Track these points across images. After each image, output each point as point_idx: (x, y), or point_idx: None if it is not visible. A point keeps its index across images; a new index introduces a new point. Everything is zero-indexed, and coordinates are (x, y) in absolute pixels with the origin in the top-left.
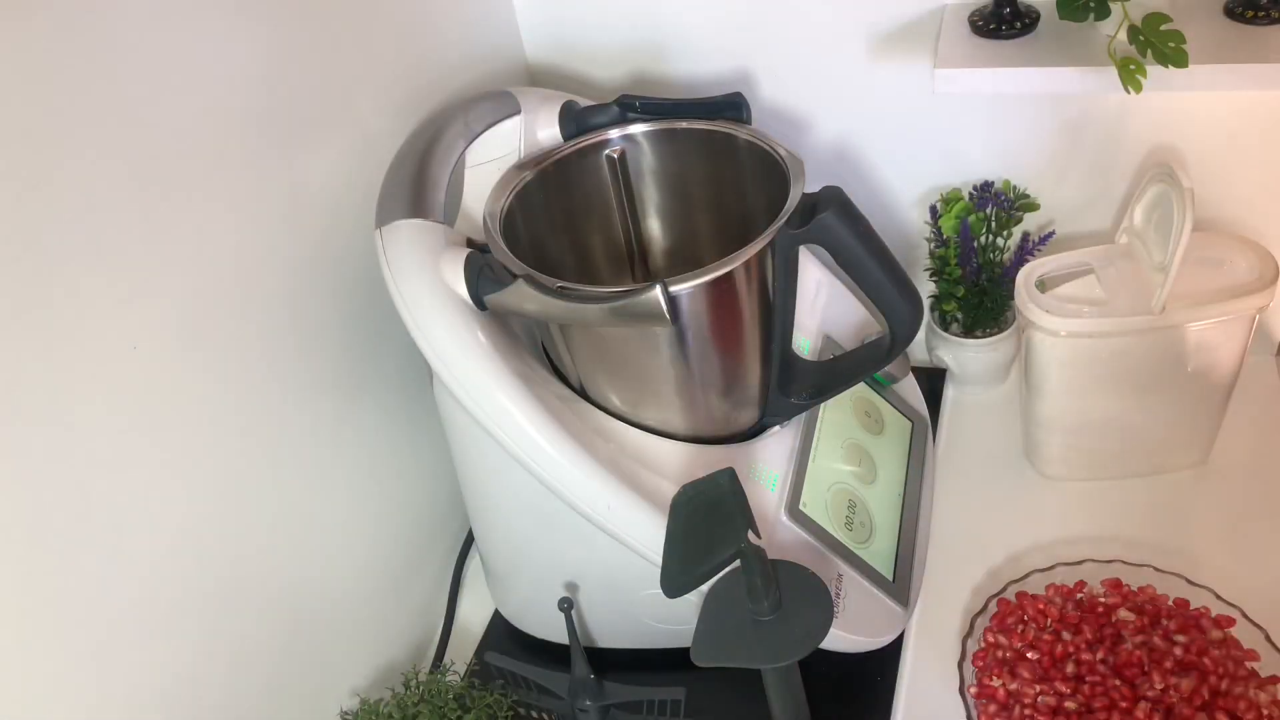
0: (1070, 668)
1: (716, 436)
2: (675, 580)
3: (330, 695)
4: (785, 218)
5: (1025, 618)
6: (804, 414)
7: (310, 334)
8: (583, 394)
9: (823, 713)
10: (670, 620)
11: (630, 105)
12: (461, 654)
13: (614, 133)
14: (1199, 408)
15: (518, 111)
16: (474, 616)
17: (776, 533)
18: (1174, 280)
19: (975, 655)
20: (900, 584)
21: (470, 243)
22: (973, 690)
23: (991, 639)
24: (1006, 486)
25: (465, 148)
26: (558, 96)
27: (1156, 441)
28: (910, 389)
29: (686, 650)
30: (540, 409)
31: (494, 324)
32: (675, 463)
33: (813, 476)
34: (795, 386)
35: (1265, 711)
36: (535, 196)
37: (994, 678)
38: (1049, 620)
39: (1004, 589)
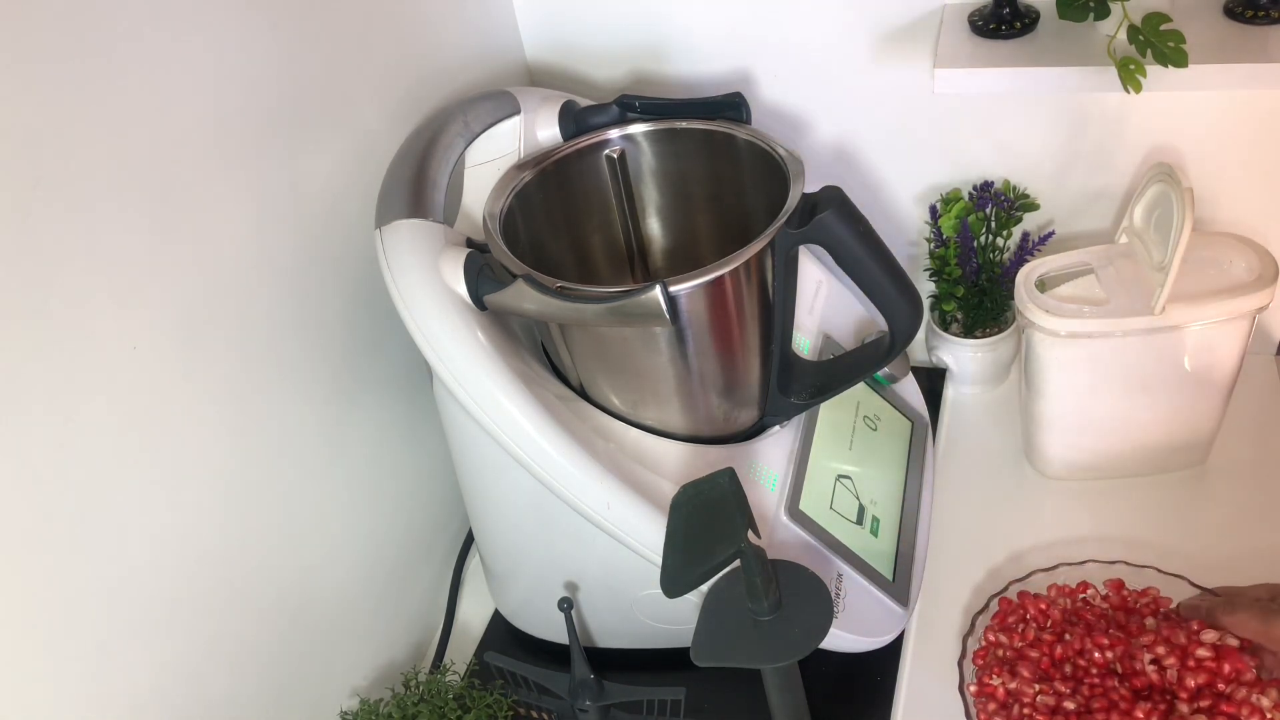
0: (1070, 668)
1: (716, 436)
2: (675, 580)
3: (330, 695)
4: (785, 218)
5: (1026, 617)
6: (804, 414)
7: (310, 334)
8: (583, 394)
9: (823, 713)
10: (670, 620)
11: (630, 105)
12: (461, 654)
13: (614, 133)
14: (1199, 408)
15: (517, 111)
16: (474, 616)
17: (776, 533)
18: (1174, 280)
19: (975, 654)
20: (900, 584)
21: (470, 242)
22: (972, 689)
23: (992, 638)
24: (1006, 486)
25: (465, 148)
26: (558, 96)
27: (1156, 441)
28: (910, 389)
29: (686, 650)
30: (540, 409)
31: (494, 324)
32: (675, 463)
33: (813, 476)
34: (795, 386)
35: (1269, 716)
36: (535, 196)
37: (994, 676)
38: (1050, 621)
39: (1005, 588)
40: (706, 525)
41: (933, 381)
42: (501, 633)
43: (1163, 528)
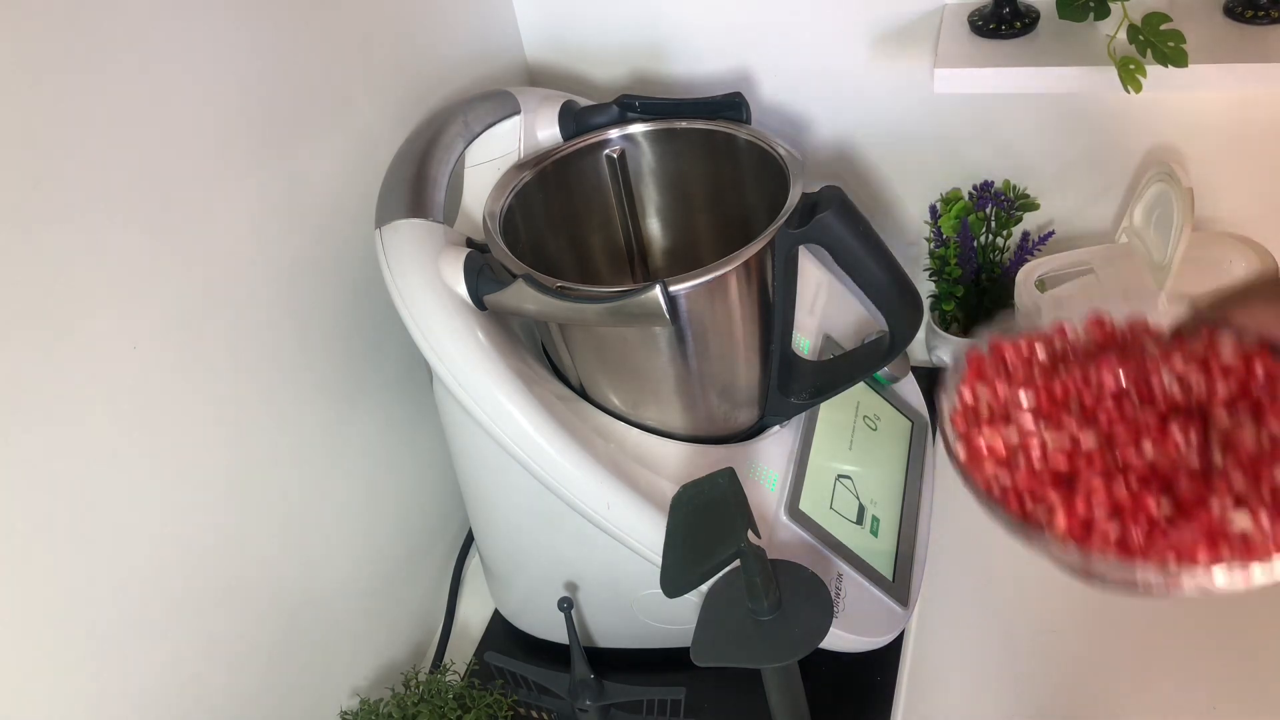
0: (1075, 406)
1: (716, 436)
2: (675, 580)
3: (330, 695)
4: (785, 218)
5: (1007, 362)
6: (804, 414)
7: (310, 333)
8: (583, 394)
9: (823, 713)
10: (670, 620)
11: (630, 105)
12: (461, 654)
13: (614, 133)
14: None
15: (517, 111)
16: (474, 616)
17: (776, 533)
18: (1174, 280)
19: (953, 418)
20: (900, 584)
21: (470, 242)
22: (961, 454)
23: (970, 396)
24: None
25: (465, 148)
26: (557, 96)
27: None
28: (910, 389)
29: (686, 650)
30: (540, 409)
31: (494, 324)
32: (675, 463)
33: (812, 476)
34: (795, 386)
35: None
36: (535, 196)
37: (985, 431)
38: (1036, 364)
39: (970, 348)
40: (706, 525)
41: (933, 381)
42: (501, 633)
43: None
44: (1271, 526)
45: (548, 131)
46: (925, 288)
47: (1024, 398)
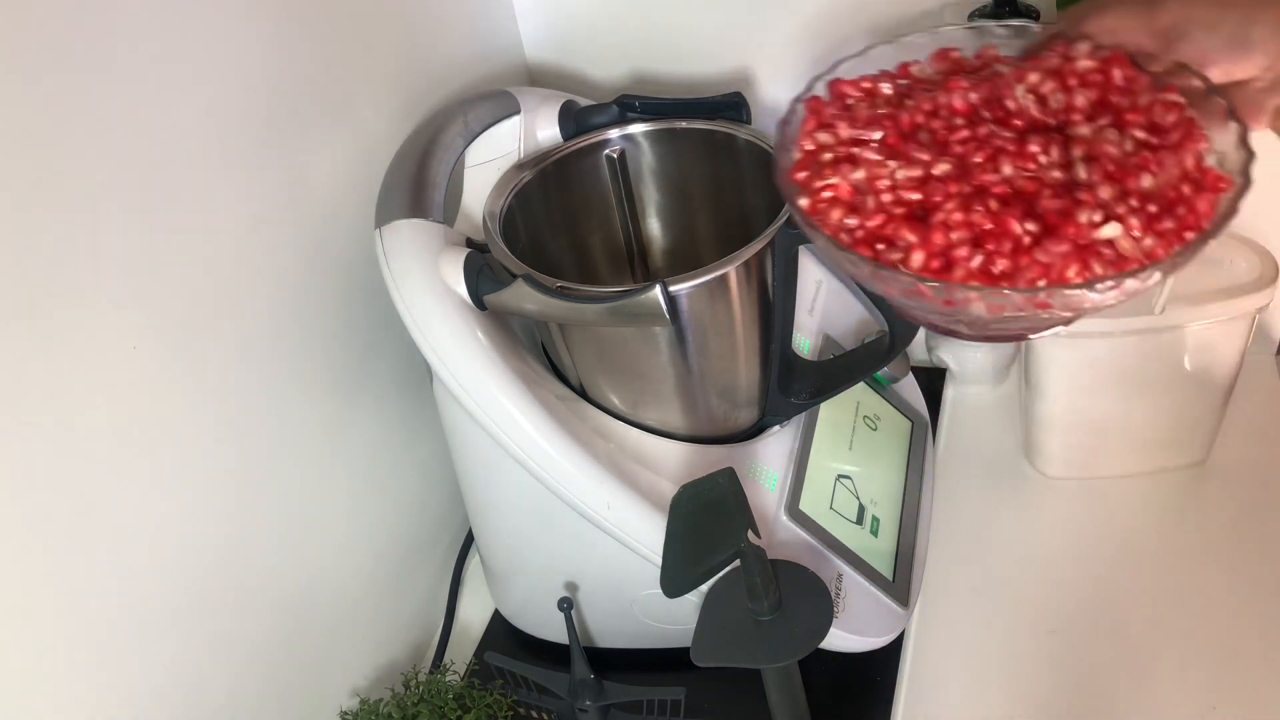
0: (925, 137)
1: (716, 436)
2: (675, 580)
3: (330, 695)
4: (785, 218)
5: (848, 104)
6: (804, 414)
7: (310, 334)
8: (583, 394)
9: (823, 713)
10: (670, 620)
11: (630, 105)
12: (461, 654)
13: (614, 133)
14: (1199, 407)
15: (517, 111)
16: (474, 616)
17: (776, 533)
18: (1174, 280)
19: (790, 171)
20: (900, 584)
21: (470, 242)
22: (803, 204)
23: (811, 145)
24: (1006, 486)
25: (465, 147)
26: (557, 96)
27: (1156, 441)
28: (910, 389)
29: (686, 650)
30: (540, 409)
31: (494, 324)
32: (675, 463)
33: (812, 476)
34: (795, 386)
35: (1186, 112)
36: (535, 196)
37: (827, 177)
38: (880, 100)
39: (809, 88)
40: (706, 525)
41: (933, 381)
42: (501, 633)
43: (1163, 527)
44: (1143, 233)
45: (548, 131)
46: None
47: (869, 135)
